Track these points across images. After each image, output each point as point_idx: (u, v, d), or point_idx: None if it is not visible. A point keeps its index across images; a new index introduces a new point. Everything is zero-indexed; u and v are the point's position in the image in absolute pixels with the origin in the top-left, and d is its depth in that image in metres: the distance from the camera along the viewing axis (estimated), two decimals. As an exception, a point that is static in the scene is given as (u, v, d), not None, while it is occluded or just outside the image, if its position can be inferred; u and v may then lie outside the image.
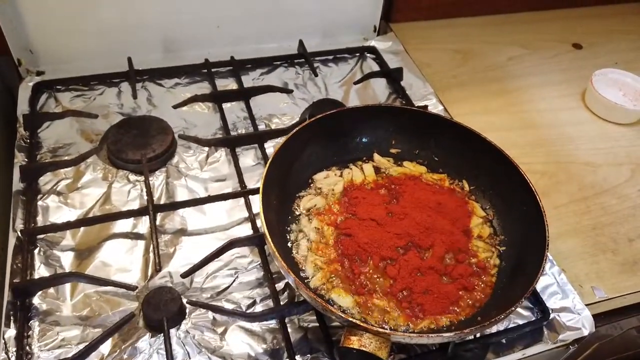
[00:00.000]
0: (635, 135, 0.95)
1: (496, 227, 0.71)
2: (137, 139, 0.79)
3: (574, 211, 0.80)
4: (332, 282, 0.62)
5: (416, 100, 0.94)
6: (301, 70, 1.00)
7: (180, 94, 0.91)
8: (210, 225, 0.74)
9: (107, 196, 0.75)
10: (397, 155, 0.78)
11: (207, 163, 0.82)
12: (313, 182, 0.73)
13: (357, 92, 0.96)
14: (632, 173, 0.87)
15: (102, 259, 0.68)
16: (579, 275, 0.72)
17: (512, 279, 0.63)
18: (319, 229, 0.67)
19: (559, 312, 0.67)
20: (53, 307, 0.62)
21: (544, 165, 0.86)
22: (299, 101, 0.94)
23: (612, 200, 0.82)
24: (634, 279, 0.72)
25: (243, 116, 0.90)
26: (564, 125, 0.95)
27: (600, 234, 0.77)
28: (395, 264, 0.63)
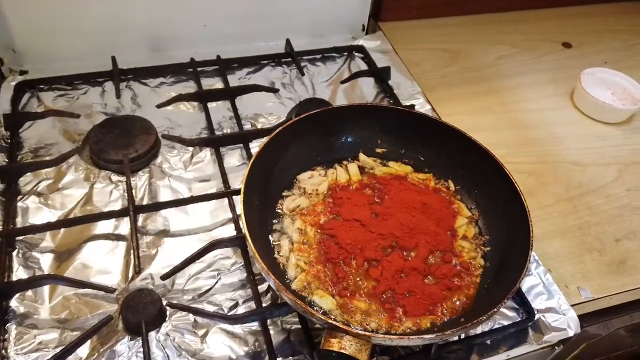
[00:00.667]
0: (623, 135, 0.94)
1: (481, 227, 0.70)
2: (120, 139, 0.78)
3: (561, 211, 0.79)
4: (315, 283, 0.61)
5: (404, 99, 0.93)
6: (288, 69, 0.99)
7: (165, 93, 0.90)
8: (193, 226, 0.73)
9: (88, 197, 0.74)
10: (383, 154, 0.77)
11: (191, 163, 0.81)
12: (297, 182, 0.72)
13: (345, 92, 0.96)
14: (619, 173, 0.86)
15: (82, 261, 0.67)
16: (565, 275, 0.71)
17: (497, 280, 0.62)
18: (302, 230, 0.66)
19: (545, 313, 0.66)
20: (31, 310, 0.61)
21: (532, 165, 0.86)
22: (285, 100, 0.93)
23: (598, 200, 0.82)
24: (620, 279, 0.71)
25: (229, 116, 0.89)
26: (553, 125, 0.94)
27: (587, 233, 0.76)
28: (379, 265, 0.63)
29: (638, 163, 0.89)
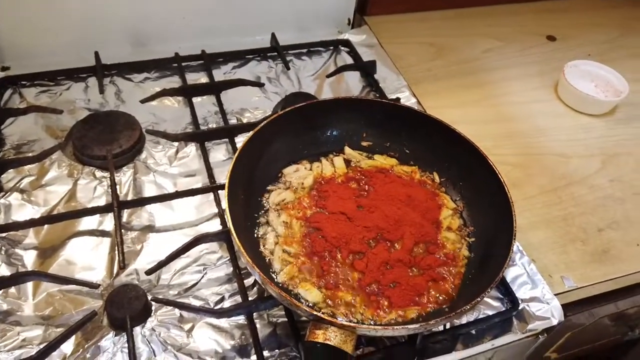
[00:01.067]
0: (606, 126, 0.95)
1: (466, 218, 0.71)
2: (103, 135, 0.77)
3: (545, 202, 0.80)
4: (300, 276, 0.61)
5: (390, 93, 0.94)
6: (274, 63, 0.99)
7: (150, 88, 0.90)
8: (179, 221, 0.73)
9: (72, 193, 0.73)
10: (369, 148, 0.77)
11: (176, 158, 0.80)
12: (283, 176, 0.72)
13: (331, 86, 0.96)
14: (602, 164, 0.87)
15: (66, 258, 0.66)
16: (549, 265, 0.72)
17: (481, 270, 0.63)
18: (287, 223, 0.66)
19: (529, 302, 0.67)
20: (14, 307, 0.61)
21: (517, 157, 0.86)
22: (271, 95, 0.92)
23: (582, 190, 0.83)
24: (603, 268, 0.72)
25: (214, 110, 0.88)
26: (537, 118, 0.95)
27: (571, 224, 0.77)
28: (364, 258, 0.63)
29: (621, 154, 0.90)
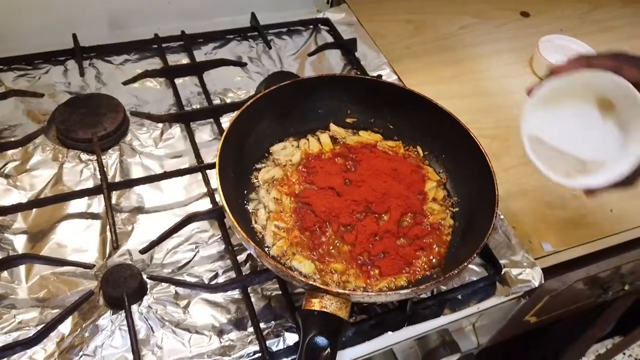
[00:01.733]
0: (579, 99, 0.98)
1: (449, 189, 0.73)
2: (87, 118, 0.77)
3: (523, 172, 0.83)
4: (292, 250, 0.63)
5: (370, 70, 0.95)
6: (254, 43, 0.98)
7: (131, 70, 0.89)
8: (168, 202, 0.73)
9: (58, 177, 0.73)
10: (353, 124, 0.78)
11: (161, 140, 0.80)
12: (270, 153, 0.73)
13: (312, 64, 0.96)
14: (576, 134, 0.91)
15: (57, 241, 0.67)
16: (529, 231, 0.75)
17: (466, 238, 0.65)
18: (278, 199, 0.67)
19: (511, 267, 0.70)
20: (8, 291, 0.61)
21: (495, 130, 0.89)
22: (253, 75, 0.93)
23: (558, 160, 0.86)
24: (579, 233, 0.76)
25: (197, 91, 0.88)
26: (513, 92, 0.98)
27: (548, 192, 0.81)
28: (353, 230, 0.65)
29: (593, 125, 0.93)
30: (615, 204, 0.80)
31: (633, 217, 0.80)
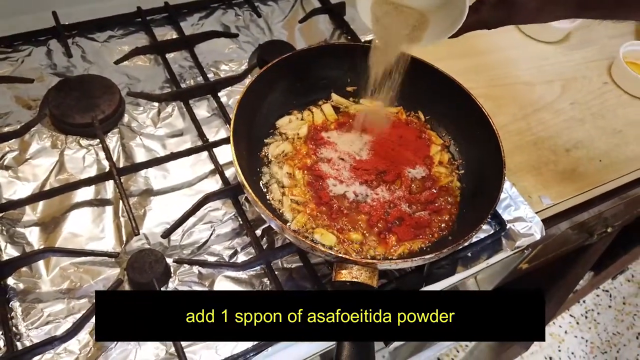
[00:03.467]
0: (561, 53, 1.01)
1: (453, 152, 0.75)
2: (82, 101, 0.75)
3: (517, 129, 0.86)
4: (312, 223, 0.64)
5: (361, 34, 0.94)
6: (240, 11, 0.96)
7: (117, 47, 0.86)
8: (176, 182, 0.73)
9: (60, 165, 0.71)
10: (354, 92, 0.79)
11: (159, 119, 0.79)
12: (277, 128, 0.73)
13: (302, 31, 0.95)
14: (562, 89, 0.94)
15: (70, 230, 0.66)
16: (527, 187, 0.79)
17: (475, 198, 0.68)
18: (291, 174, 0.68)
19: (514, 223, 0.74)
20: (30, 285, 0.61)
21: (487, 89, 0.91)
22: (244, 45, 0.91)
23: (548, 115, 0.89)
24: (573, 185, 0.80)
25: (188, 65, 0.86)
26: (501, 49, 0.99)
27: (542, 147, 0.84)
28: (368, 200, 0.67)
29: (578, 78, 0.97)
30: (604, 155, 0.85)
31: (618, 166, 0.85)
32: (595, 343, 1.90)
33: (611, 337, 1.93)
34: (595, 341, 1.91)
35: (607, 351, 1.89)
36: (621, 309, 2.01)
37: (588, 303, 2.02)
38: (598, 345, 1.90)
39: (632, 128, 0.89)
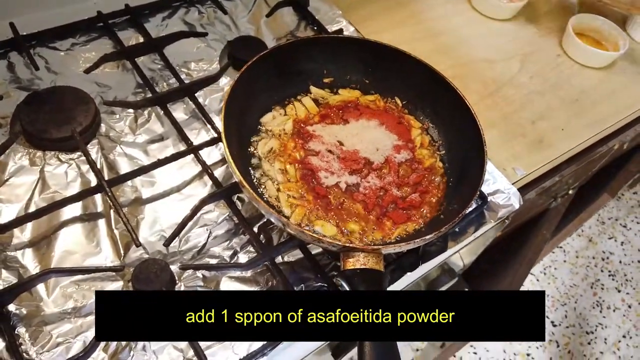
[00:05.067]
0: (516, 29, 1.07)
1: (433, 134, 0.78)
2: (56, 114, 0.72)
3: (485, 106, 0.90)
4: (310, 216, 0.66)
5: (327, 24, 0.95)
6: (204, 9, 0.94)
7: (81, 54, 0.83)
8: (164, 188, 0.72)
9: (43, 182, 0.69)
10: (331, 84, 0.80)
11: (138, 126, 0.78)
12: (262, 125, 0.74)
13: (268, 25, 0.95)
14: (521, 63, 0.99)
15: (64, 249, 0.64)
16: (501, 160, 0.83)
17: (460, 176, 0.72)
18: (283, 170, 0.69)
19: (493, 195, 0.78)
20: (33, 309, 0.59)
21: (452, 69, 0.95)
22: (212, 43, 0.90)
23: (511, 90, 0.94)
24: (541, 154, 0.86)
25: (157, 68, 0.85)
26: (459, 29, 1.03)
27: (509, 122, 0.89)
28: (360, 188, 0.69)
29: (533, 52, 1.02)
30: (565, 124, 0.91)
31: (579, 133, 0.91)
32: (555, 297, 2.04)
33: (568, 289, 2.07)
34: (555, 295, 2.04)
35: (567, 302, 2.03)
36: (574, 262, 2.16)
37: (545, 260, 2.15)
38: (558, 298, 2.03)
39: (587, 96, 0.96)
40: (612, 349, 1.91)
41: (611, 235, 2.26)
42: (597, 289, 2.08)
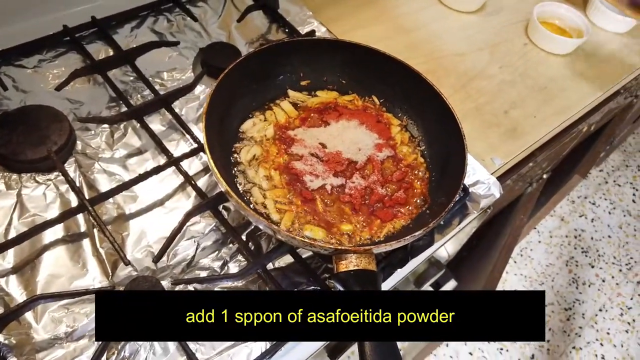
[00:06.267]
0: (482, 21, 1.09)
1: (412, 130, 0.79)
2: (30, 135, 0.70)
3: (459, 99, 0.92)
4: (300, 220, 0.66)
5: (298, 25, 0.95)
6: (172, 17, 0.93)
7: (50, 71, 0.81)
8: (147, 203, 0.71)
9: (21, 206, 0.67)
10: (309, 86, 0.80)
11: (114, 141, 0.76)
12: (243, 133, 0.73)
13: (239, 30, 0.94)
14: (490, 55, 1.01)
15: (49, 273, 0.63)
16: (479, 151, 0.85)
17: (442, 170, 0.73)
18: (268, 176, 0.69)
19: (474, 186, 0.80)
20: (23, 338, 0.58)
21: (425, 64, 0.96)
22: (183, 51, 0.89)
23: (482, 82, 0.96)
24: (517, 143, 0.88)
25: (129, 80, 0.83)
26: (429, 24, 1.05)
27: (483, 113, 0.91)
28: (346, 189, 0.69)
29: (500, 42, 1.04)
30: (536, 111, 0.93)
31: (550, 119, 0.94)
32: (532, 277, 2.09)
33: (545, 268, 2.13)
34: (532, 275, 2.10)
35: (544, 282, 2.09)
36: (549, 242, 2.22)
37: (521, 242, 2.21)
38: (535, 278, 2.09)
39: (555, 83, 0.99)
40: (590, 323, 1.98)
41: (581, 213, 2.33)
42: (572, 266, 2.14)
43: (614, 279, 2.13)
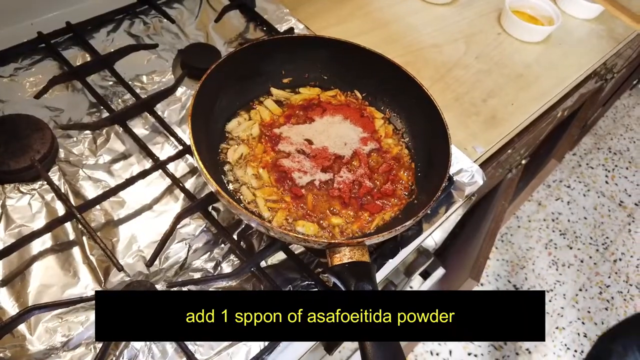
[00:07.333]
0: (456, 12, 1.11)
1: (395, 123, 0.81)
2: (11, 145, 0.69)
3: (439, 90, 0.94)
4: (291, 217, 0.67)
5: (276, 23, 0.96)
6: (148, 19, 0.92)
7: (27, 79, 0.79)
8: (135, 207, 0.71)
9: (6, 217, 0.66)
10: (291, 83, 0.81)
11: (97, 147, 0.75)
12: (229, 133, 0.73)
13: (217, 30, 0.94)
14: (466, 45, 1.03)
15: (40, 283, 0.62)
16: (461, 140, 0.87)
17: (428, 161, 0.74)
18: (257, 175, 0.69)
19: (458, 175, 0.81)
20: (18, 350, 0.57)
21: (403, 57, 0.98)
22: (162, 53, 0.88)
23: (460, 72, 0.98)
24: (496, 130, 0.90)
25: (109, 85, 0.82)
26: (405, 17, 1.06)
27: (463, 102, 0.93)
28: (334, 184, 0.70)
29: (475, 33, 1.06)
30: (514, 99, 0.96)
31: (527, 106, 0.96)
32: (514, 261, 2.14)
33: (525, 252, 2.18)
34: (514, 259, 2.15)
35: (525, 265, 2.14)
36: (528, 226, 2.27)
37: (502, 228, 2.25)
38: (517, 262, 2.14)
39: (530, 71, 1.01)
40: (571, 303, 2.04)
41: (558, 197, 2.39)
42: (551, 249, 2.20)
43: (592, 258, 2.19)
